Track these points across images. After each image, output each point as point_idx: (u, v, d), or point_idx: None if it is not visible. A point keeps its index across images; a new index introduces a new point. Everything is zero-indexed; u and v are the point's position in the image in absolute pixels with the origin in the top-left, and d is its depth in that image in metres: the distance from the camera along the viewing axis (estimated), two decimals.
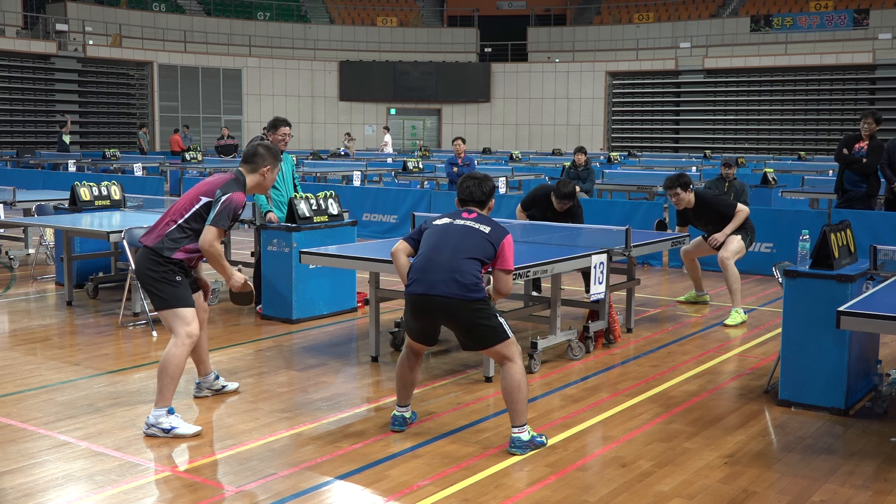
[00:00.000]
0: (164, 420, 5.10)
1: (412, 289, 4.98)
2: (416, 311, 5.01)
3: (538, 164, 23.73)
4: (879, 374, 5.85)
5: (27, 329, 7.80)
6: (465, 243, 4.93)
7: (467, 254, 4.90)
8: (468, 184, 5.19)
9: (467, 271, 4.86)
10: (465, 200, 5.18)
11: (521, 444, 4.87)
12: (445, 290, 4.85)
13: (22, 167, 23.40)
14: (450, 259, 4.88)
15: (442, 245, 4.94)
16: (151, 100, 35.23)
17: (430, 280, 4.88)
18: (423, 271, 4.93)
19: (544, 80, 38.08)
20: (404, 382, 5.24)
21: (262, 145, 5.46)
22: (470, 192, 5.16)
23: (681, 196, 8.29)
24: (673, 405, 5.79)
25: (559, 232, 8.03)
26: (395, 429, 5.21)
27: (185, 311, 5.16)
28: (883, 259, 6.04)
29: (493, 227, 5.02)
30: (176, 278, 5.18)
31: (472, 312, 4.87)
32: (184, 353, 5.13)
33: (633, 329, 7.85)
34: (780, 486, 4.50)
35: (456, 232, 4.99)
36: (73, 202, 9.59)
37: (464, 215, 5.09)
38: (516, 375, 4.88)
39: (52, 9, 34.63)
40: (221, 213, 5.10)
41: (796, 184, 15.60)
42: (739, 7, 38.05)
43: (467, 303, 4.85)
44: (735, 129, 35.03)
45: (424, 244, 5.04)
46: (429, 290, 4.89)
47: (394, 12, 41.32)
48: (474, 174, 5.26)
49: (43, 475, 4.52)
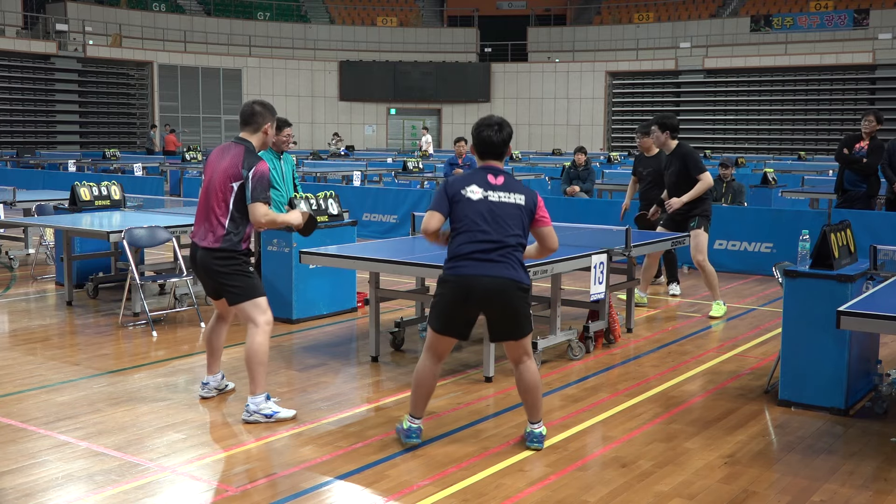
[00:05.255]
0: (265, 406, 5.30)
1: (462, 271, 4.67)
2: (463, 295, 4.68)
3: (538, 164, 23.72)
4: (879, 374, 5.85)
5: (27, 329, 7.80)
6: (510, 221, 4.70)
7: (514, 233, 4.70)
8: (488, 133, 4.81)
9: (518, 254, 4.72)
10: (486, 153, 4.85)
11: (542, 438, 4.93)
12: (502, 272, 4.64)
13: (22, 167, 23.39)
14: (501, 239, 4.66)
15: (487, 223, 4.66)
16: (151, 100, 35.24)
17: (483, 261, 4.64)
18: (472, 252, 4.65)
19: (544, 80, 38.08)
20: (428, 390, 4.91)
21: (256, 103, 5.53)
22: (491, 143, 4.82)
23: (657, 135, 8.40)
24: (673, 405, 5.79)
25: (559, 232, 8.01)
26: (413, 440, 4.91)
27: (262, 300, 5.36)
28: (883, 259, 6.04)
29: (525, 193, 4.79)
30: (249, 269, 5.38)
31: (521, 298, 4.74)
32: (266, 339, 5.31)
33: (633, 329, 7.85)
34: (780, 486, 4.50)
35: (498, 209, 4.69)
36: (73, 202, 9.60)
37: (490, 179, 4.77)
38: (536, 370, 4.93)
39: (52, 9, 34.63)
40: (257, 188, 5.25)
41: (796, 184, 15.60)
42: (739, 7, 38.05)
43: (521, 287, 4.72)
44: (735, 129, 35.03)
45: (464, 220, 4.69)
46: (484, 272, 4.63)
47: (394, 12, 41.31)
48: (489, 119, 4.90)
49: (43, 475, 4.52)
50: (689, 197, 8.28)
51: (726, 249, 10.98)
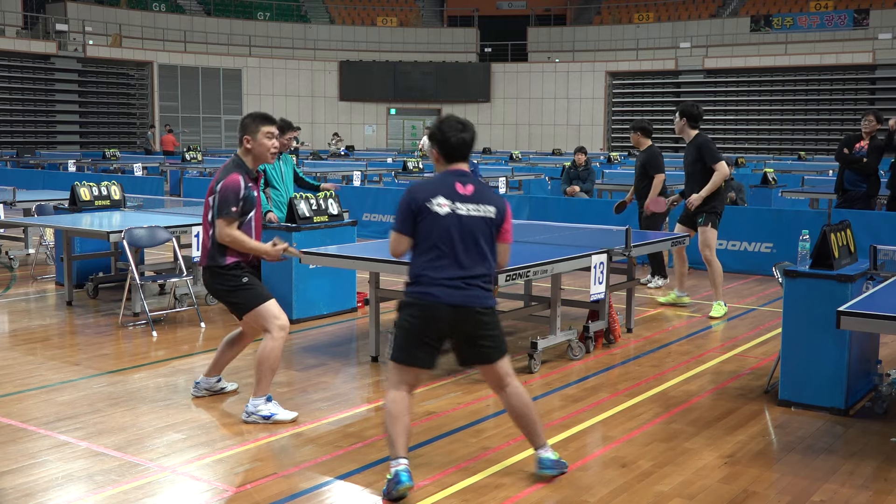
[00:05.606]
0: (263, 408, 5.30)
1: (430, 298, 4.23)
2: (431, 324, 4.27)
3: (538, 164, 23.73)
4: (879, 374, 5.85)
5: (27, 329, 7.80)
6: (480, 240, 4.29)
7: (484, 250, 4.31)
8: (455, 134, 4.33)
9: (489, 273, 4.33)
10: (453, 156, 4.36)
11: (552, 463, 4.52)
12: (471, 300, 4.26)
13: (22, 167, 23.40)
14: (470, 263, 4.26)
15: (456, 243, 4.24)
16: (151, 100, 35.26)
17: (451, 288, 4.23)
18: (440, 278, 4.24)
19: (544, 80, 38.09)
20: (405, 425, 4.33)
21: (247, 115, 5.49)
22: (461, 144, 4.35)
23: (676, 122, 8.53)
24: (673, 405, 5.79)
25: (559, 232, 8.03)
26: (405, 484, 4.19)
27: (267, 307, 5.31)
28: (883, 259, 6.04)
29: (495, 204, 4.35)
30: (242, 280, 5.31)
31: (491, 321, 4.36)
32: (279, 346, 5.29)
33: (633, 329, 7.85)
34: (780, 486, 4.49)
35: (468, 226, 4.26)
36: (73, 202, 9.60)
37: (459, 188, 4.29)
38: (524, 391, 4.50)
39: (52, 9, 34.64)
40: (222, 203, 5.22)
41: (796, 184, 15.61)
42: (739, 7, 38.06)
43: (491, 310, 4.35)
44: (735, 129, 35.03)
45: (430, 239, 4.25)
46: (454, 301, 4.23)
47: (394, 12, 41.32)
48: (453, 118, 4.44)
49: (43, 475, 4.52)
50: (707, 191, 8.29)
51: (726, 249, 10.98)
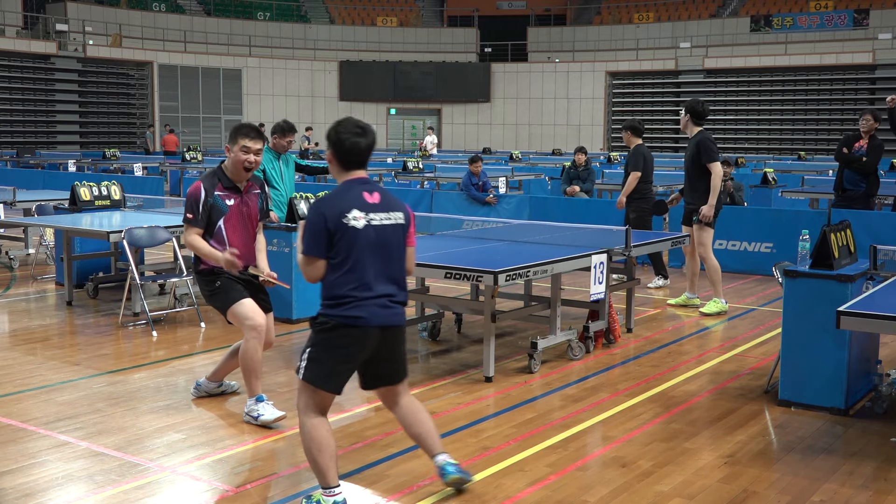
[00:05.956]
0: (253, 408, 5.33)
1: (364, 320, 3.95)
2: (358, 348, 4.01)
3: (538, 164, 23.72)
4: (879, 374, 5.86)
5: (27, 329, 7.80)
6: (395, 250, 4.07)
7: (400, 260, 4.10)
8: (355, 140, 4.03)
9: (405, 285, 4.12)
10: (352, 162, 4.06)
11: (455, 468, 4.26)
12: (397, 315, 4.07)
13: (22, 167, 23.40)
14: (391, 277, 4.05)
15: (376, 258, 3.99)
16: (151, 100, 35.25)
17: (383, 304, 4.01)
18: (364, 298, 3.97)
19: (544, 80, 38.08)
20: (333, 450, 4.04)
21: (235, 125, 5.51)
22: (359, 150, 4.05)
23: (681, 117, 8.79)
24: (673, 405, 5.79)
25: (559, 232, 8.03)
26: None
27: (239, 308, 5.31)
28: (883, 259, 6.05)
29: (402, 209, 4.14)
30: (215, 284, 5.35)
31: (404, 338, 4.24)
32: (253, 346, 5.29)
33: (633, 329, 7.85)
34: (780, 486, 4.50)
35: (383, 236, 4.02)
36: (73, 202, 9.60)
37: (367, 197, 4.03)
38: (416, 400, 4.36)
39: (52, 9, 34.64)
40: (185, 209, 5.33)
41: (796, 184, 15.61)
42: (739, 7, 38.05)
43: (404, 328, 4.20)
44: (735, 129, 35.03)
45: (349, 255, 3.95)
46: (384, 320, 4.01)
47: (394, 12, 41.32)
48: (352, 121, 4.12)
49: (43, 475, 4.52)
50: (712, 197, 8.43)
51: (726, 249, 10.98)
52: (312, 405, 4.04)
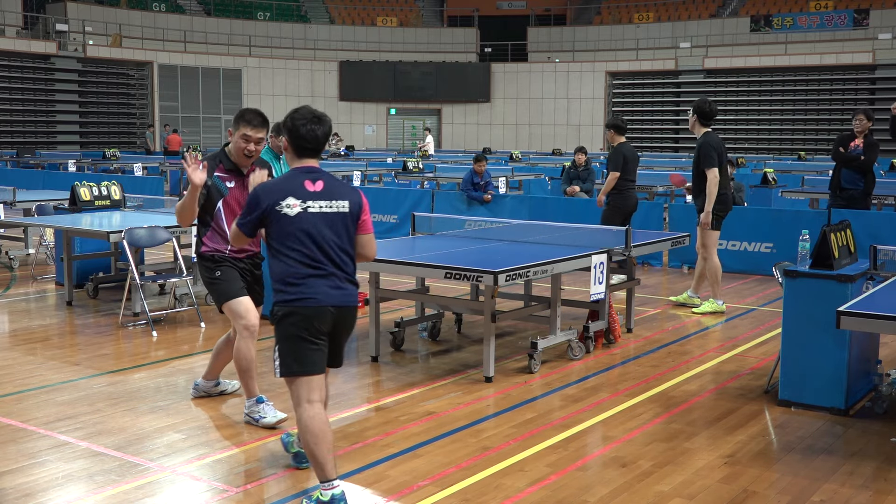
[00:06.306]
0: (254, 410, 5.29)
1: (316, 300, 4.06)
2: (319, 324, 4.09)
3: (538, 164, 23.72)
4: (879, 374, 5.85)
5: (27, 329, 7.80)
6: (336, 234, 4.13)
7: (344, 246, 4.17)
8: (310, 128, 4.12)
9: (353, 269, 4.20)
10: (305, 151, 4.16)
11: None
12: (348, 295, 4.16)
13: (22, 167, 23.40)
14: (334, 257, 4.12)
15: (315, 240, 4.07)
16: (151, 100, 35.25)
17: (333, 284, 4.11)
18: (314, 275, 4.07)
19: (544, 80, 38.08)
20: (330, 442, 4.10)
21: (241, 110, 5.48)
22: (314, 138, 4.14)
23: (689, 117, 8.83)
24: (673, 405, 5.79)
25: (559, 232, 8.03)
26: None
27: (234, 305, 5.26)
28: (883, 259, 6.05)
29: (349, 198, 4.19)
30: (216, 274, 5.27)
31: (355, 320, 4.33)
32: (246, 345, 5.24)
33: (633, 329, 7.85)
34: (780, 486, 4.50)
35: (321, 223, 4.09)
36: (73, 202, 9.60)
37: (308, 186, 4.12)
38: None
39: (52, 9, 34.63)
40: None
41: (796, 184, 15.60)
42: (739, 7, 38.05)
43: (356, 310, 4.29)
44: (735, 129, 35.01)
45: (286, 241, 4.08)
46: (337, 300, 4.11)
47: (394, 12, 41.31)
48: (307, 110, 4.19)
49: (43, 475, 4.52)
50: (709, 204, 8.41)
51: (726, 249, 10.98)
52: (302, 396, 4.11)
